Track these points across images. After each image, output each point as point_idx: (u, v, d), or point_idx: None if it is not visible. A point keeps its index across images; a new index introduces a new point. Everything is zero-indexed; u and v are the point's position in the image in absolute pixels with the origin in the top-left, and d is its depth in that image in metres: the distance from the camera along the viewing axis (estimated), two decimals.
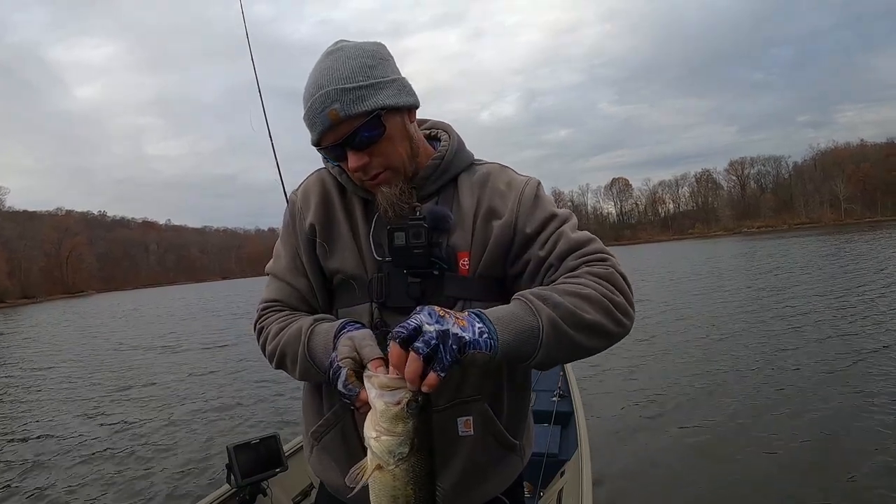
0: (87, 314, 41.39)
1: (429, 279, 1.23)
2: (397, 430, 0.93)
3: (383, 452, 0.94)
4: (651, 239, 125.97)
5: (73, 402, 10.10)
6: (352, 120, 1.16)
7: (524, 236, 1.24)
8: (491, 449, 1.30)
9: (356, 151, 1.18)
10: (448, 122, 1.42)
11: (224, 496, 2.89)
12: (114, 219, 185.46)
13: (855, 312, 11.41)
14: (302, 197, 1.37)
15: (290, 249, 1.36)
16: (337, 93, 1.15)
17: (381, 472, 0.95)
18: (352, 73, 1.17)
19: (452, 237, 1.25)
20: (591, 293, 1.09)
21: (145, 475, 6.02)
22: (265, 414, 8.12)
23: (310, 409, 1.40)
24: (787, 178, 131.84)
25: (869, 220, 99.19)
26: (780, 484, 4.55)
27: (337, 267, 1.30)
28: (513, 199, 1.27)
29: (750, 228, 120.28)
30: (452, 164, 1.32)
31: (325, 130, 1.17)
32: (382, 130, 1.18)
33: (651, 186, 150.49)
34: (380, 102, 1.17)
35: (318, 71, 1.20)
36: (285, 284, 1.35)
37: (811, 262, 25.90)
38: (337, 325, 1.18)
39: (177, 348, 16.43)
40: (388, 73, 1.22)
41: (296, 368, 1.24)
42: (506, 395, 1.32)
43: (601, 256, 1.18)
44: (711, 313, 13.53)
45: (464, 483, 1.27)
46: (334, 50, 1.22)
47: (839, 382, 6.96)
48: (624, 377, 8.08)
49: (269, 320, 1.32)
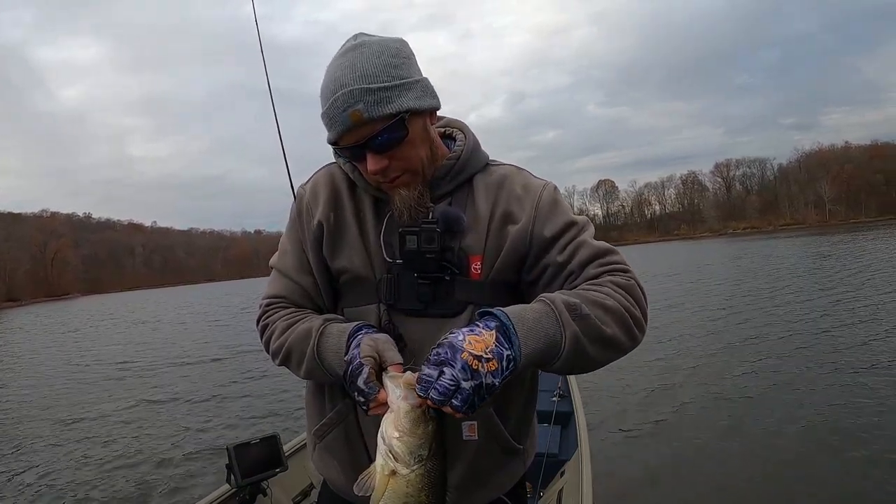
0: (94, 316, 40.98)
1: (439, 282, 1.21)
2: (418, 431, 0.94)
3: (404, 453, 0.93)
4: (637, 240, 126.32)
5: (73, 401, 10.08)
6: (375, 122, 1.11)
7: (542, 241, 1.22)
8: (494, 454, 1.29)
9: (376, 154, 1.14)
10: (463, 121, 1.38)
11: (224, 496, 2.88)
12: (99, 221, 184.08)
13: (851, 313, 11.52)
14: (311, 192, 1.32)
15: (296, 245, 1.33)
16: (360, 92, 1.09)
17: (395, 477, 0.94)
18: (376, 71, 1.11)
19: (465, 240, 1.22)
20: (613, 305, 1.08)
21: (145, 475, 6.02)
22: (265, 414, 8.12)
23: (312, 408, 1.39)
24: (773, 179, 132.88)
25: (853, 222, 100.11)
26: (780, 483, 4.57)
27: (344, 266, 1.27)
28: (530, 203, 1.24)
29: (735, 230, 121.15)
30: (468, 165, 1.28)
31: (346, 131, 1.12)
32: (405, 134, 1.14)
33: (637, 188, 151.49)
34: (404, 105, 1.12)
35: (339, 67, 1.14)
36: (290, 281, 1.32)
37: (799, 262, 26.20)
38: (352, 328, 1.16)
39: (176, 348, 16.34)
40: (413, 73, 1.17)
41: (301, 367, 1.23)
42: (512, 402, 1.31)
43: (623, 267, 1.17)
44: (711, 313, 13.62)
45: (465, 487, 1.26)
46: (356, 45, 1.15)
47: (839, 379, 7.03)
48: (624, 377, 8.09)
49: (275, 317, 1.30)
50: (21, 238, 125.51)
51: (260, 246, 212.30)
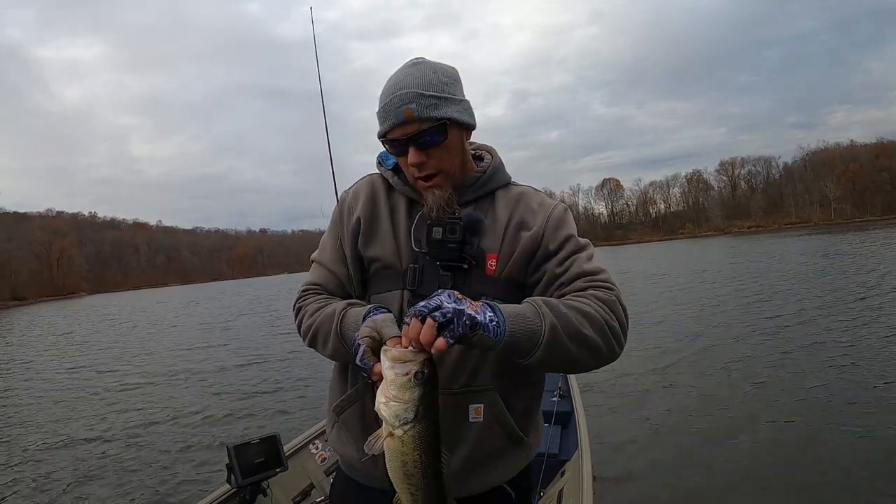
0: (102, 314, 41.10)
1: (458, 274, 1.38)
2: (404, 397, 1.05)
3: (391, 416, 1.06)
4: (641, 239, 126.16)
5: (73, 402, 10.10)
6: (422, 121, 1.31)
7: (546, 251, 1.39)
8: (498, 439, 1.40)
9: (418, 149, 1.34)
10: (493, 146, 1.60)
11: (224, 496, 2.90)
12: (104, 220, 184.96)
13: (856, 315, 11.48)
14: (353, 195, 1.53)
15: (334, 240, 1.52)
16: (415, 95, 1.31)
17: (392, 438, 1.07)
18: (430, 83, 1.33)
19: (484, 239, 1.40)
20: (592, 312, 1.23)
21: (145, 475, 6.04)
22: (265, 414, 8.14)
23: (335, 387, 1.54)
24: (778, 178, 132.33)
25: (858, 220, 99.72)
26: (780, 483, 4.57)
27: (376, 255, 1.45)
28: (542, 216, 1.43)
29: (740, 228, 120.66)
30: (492, 179, 1.49)
31: (397, 125, 1.33)
32: (444, 137, 1.34)
33: (642, 187, 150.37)
34: (448, 114, 1.33)
35: (400, 75, 1.36)
36: (327, 271, 1.52)
37: (804, 260, 26.06)
38: (366, 310, 1.32)
39: (177, 349, 16.39)
40: (458, 93, 1.39)
41: (327, 346, 1.39)
42: (518, 390, 1.43)
43: (608, 285, 1.32)
44: (710, 313, 13.60)
45: (467, 469, 1.37)
46: (417, 62, 1.39)
47: (840, 378, 7.03)
48: (624, 377, 8.10)
49: (308, 301, 1.49)
50: (26, 237, 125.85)
51: (265, 245, 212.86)
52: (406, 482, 1.10)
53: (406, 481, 1.10)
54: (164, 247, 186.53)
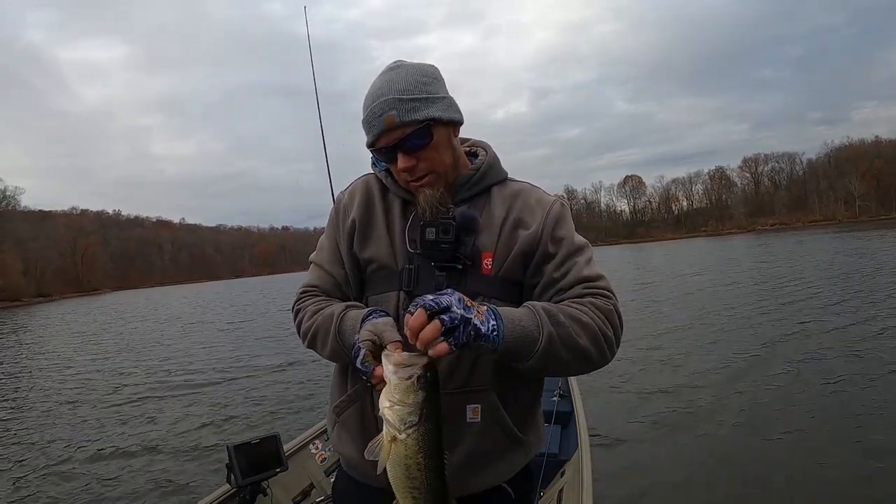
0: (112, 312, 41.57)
1: (454, 274, 1.37)
2: (408, 401, 1.07)
3: (395, 420, 1.07)
4: (664, 237, 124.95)
5: (72, 402, 10.20)
6: (405, 126, 1.31)
7: (545, 253, 1.38)
8: (496, 439, 1.39)
9: (406, 154, 1.33)
10: (487, 142, 1.58)
11: (224, 496, 2.92)
12: (128, 218, 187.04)
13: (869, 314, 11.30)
14: (348, 196, 1.53)
15: (331, 242, 1.53)
16: (394, 101, 1.30)
17: (395, 443, 1.08)
18: (409, 86, 1.32)
19: (479, 238, 1.39)
20: (589, 321, 1.25)
21: (145, 475, 6.07)
22: (265, 414, 8.15)
23: (336, 388, 1.54)
24: (802, 175, 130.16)
25: (884, 218, 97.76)
26: (780, 483, 4.54)
27: (371, 256, 1.45)
28: (541, 214, 1.41)
29: (764, 226, 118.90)
30: (486, 176, 1.47)
31: (381, 133, 1.32)
32: (430, 139, 1.34)
33: (664, 184, 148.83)
34: (431, 114, 1.32)
35: (378, 82, 1.36)
36: (324, 272, 1.52)
37: (831, 259, 25.64)
38: (364, 312, 1.32)
39: (177, 349, 16.47)
40: (439, 90, 1.38)
41: (326, 348, 1.39)
42: (517, 390, 1.42)
43: (606, 293, 1.33)
44: (713, 313, 13.43)
45: (466, 469, 1.36)
46: (394, 67, 1.38)
47: (839, 379, 6.97)
48: (624, 377, 8.06)
49: (307, 303, 1.49)
50: (51, 236, 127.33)
51: (287, 242, 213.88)
52: (409, 485, 1.10)
53: (409, 484, 1.10)
54: (187, 244, 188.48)
